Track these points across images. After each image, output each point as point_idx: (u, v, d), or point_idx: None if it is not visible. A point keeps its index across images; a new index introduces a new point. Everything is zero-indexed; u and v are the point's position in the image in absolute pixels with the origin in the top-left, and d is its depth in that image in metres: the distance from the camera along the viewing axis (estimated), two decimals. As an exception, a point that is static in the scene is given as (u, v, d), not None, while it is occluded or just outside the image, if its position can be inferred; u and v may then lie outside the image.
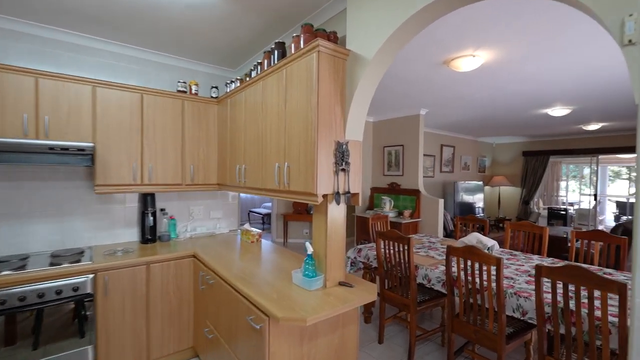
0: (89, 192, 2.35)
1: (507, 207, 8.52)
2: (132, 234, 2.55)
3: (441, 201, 4.59)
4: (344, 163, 1.56)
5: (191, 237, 2.72)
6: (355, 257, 2.95)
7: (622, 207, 9.67)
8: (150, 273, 2.11)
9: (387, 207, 4.97)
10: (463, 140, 7.68)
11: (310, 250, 1.57)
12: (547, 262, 2.48)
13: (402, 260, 2.40)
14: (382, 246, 2.59)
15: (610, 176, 10.75)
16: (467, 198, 7.11)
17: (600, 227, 7.84)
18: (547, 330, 1.66)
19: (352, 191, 1.61)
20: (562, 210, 7.70)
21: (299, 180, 1.59)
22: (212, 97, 2.67)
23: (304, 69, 1.55)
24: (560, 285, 1.81)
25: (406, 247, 2.34)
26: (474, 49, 2.44)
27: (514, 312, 1.81)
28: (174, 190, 2.49)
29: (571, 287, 1.72)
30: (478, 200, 7.45)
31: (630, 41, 0.83)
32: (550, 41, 2.31)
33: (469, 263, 2.01)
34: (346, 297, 1.45)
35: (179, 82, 2.52)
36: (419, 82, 3.39)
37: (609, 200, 9.70)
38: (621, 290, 1.35)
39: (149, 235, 2.46)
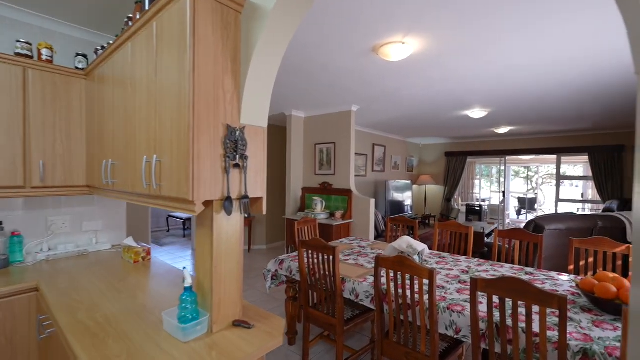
0: None
1: (432, 205, 9.02)
2: (-61, 262, 1.72)
3: (372, 201, 4.45)
4: (238, 156, 1.12)
5: (47, 260, 1.97)
6: (276, 270, 2.52)
7: (522, 202, 11.11)
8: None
9: (319, 208, 4.67)
10: (393, 140, 7.86)
11: (188, 281, 1.09)
12: (473, 263, 2.39)
13: (327, 273, 2.06)
14: (305, 257, 2.21)
15: (512, 175, 12.24)
16: (397, 196, 7.26)
17: (507, 221, 8.79)
18: (481, 349, 1.47)
19: (252, 195, 1.18)
20: (477, 207, 8.40)
21: (171, 181, 1.10)
22: (77, 68, 1.97)
23: (175, 20, 1.06)
24: (496, 297, 1.64)
25: (332, 258, 2.00)
26: (404, 34, 2.22)
27: (447, 329, 1.59)
28: (11, 196, 1.74)
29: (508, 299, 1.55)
30: (407, 198, 7.70)
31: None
32: (474, 37, 2.21)
33: (399, 275, 1.74)
34: (238, 349, 1.02)
35: (19, 42, 1.77)
36: (349, 73, 3.12)
37: (512, 196, 11.09)
38: (561, 304, 1.18)
39: (-32, 262, 1.68)
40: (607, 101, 4.06)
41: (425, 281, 1.79)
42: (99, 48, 1.88)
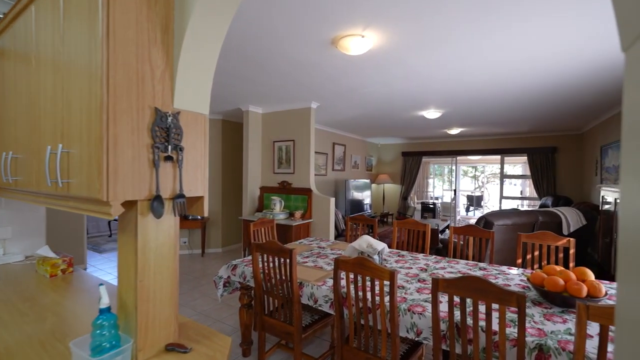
0: None
1: (390, 203, 9.26)
2: None
3: (333, 200, 4.38)
4: (170, 147, 0.93)
5: None
6: (229, 277, 2.31)
7: (471, 200, 11.90)
8: None
9: (278, 208, 4.49)
10: (353, 139, 7.91)
11: (104, 301, 0.87)
12: (431, 260, 2.40)
13: (284, 277, 1.91)
14: (260, 261, 2.04)
15: (461, 174, 13.08)
16: (357, 195, 7.32)
17: (458, 217, 9.32)
18: (442, 350, 1.43)
19: (189, 193, 1.00)
20: (432, 204, 8.80)
21: (81, 177, 0.87)
22: (-29, 40, 1.59)
23: (85, -27, 0.85)
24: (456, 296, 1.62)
25: (288, 262, 1.85)
26: (364, 26, 2.15)
27: (408, 332, 1.53)
28: None
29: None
30: (366, 197, 7.80)
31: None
32: (432, 34, 2.21)
33: (359, 278, 1.65)
34: (169, 380, 0.83)
35: None
36: (308, 66, 2.99)
37: (462, 194, 11.83)
38: (520, 302, 1.16)
39: None
40: (543, 106, 4.41)
41: (386, 282, 1.73)
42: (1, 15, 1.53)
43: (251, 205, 4.89)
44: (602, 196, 3.60)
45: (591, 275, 1.58)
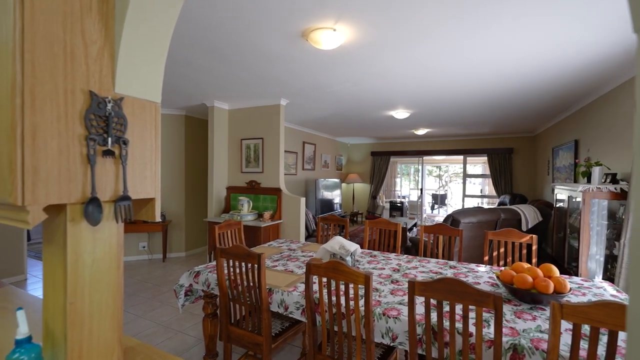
0: None
1: (360, 202, 9.34)
2: None
3: (303, 199, 4.28)
4: (111, 139, 0.77)
5: None
6: (191, 285, 2.13)
7: (435, 198, 12.38)
8: None
9: (245, 208, 4.30)
10: (323, 138, 7.86)
11: (22, 330, 0.70)
12: (403, 260, 2.39)
13: (252, 284, 1.78)
14: (225, 267, 1.89)
15: (426, 173, 13.56)
16: (327, 195, 7.28)
17: (424, 216, 9.62)
18: (418, 355, 1.38)
19: (136, 195, 0.84)
20: (399, 203, 9.00)
21: (-13, 176, 0.69)
22: None
23: None
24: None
25: (256, 267, 1.72)
26: (335, 19, 2.07)
27: (383, 337, 1.47)
28: None
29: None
30: (336, 196, 7.79)
31: None
32: (404, 32, 2.19)
33: (332, 282, 1.57)
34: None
35: None
36: (277, 60, 2.86)
37: (427, 193, 12.27)
38: (497, 304, 1.14)
39: None
40: (502, 109, 4.64)
41: (361, 285, 1.65)
42: None
43: (217, 206, 4.64)
44: (556, 194, 3.84)
45: (556, 272, 1.62)
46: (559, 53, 2.57)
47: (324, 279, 1.67)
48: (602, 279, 2.89)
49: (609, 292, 1.77)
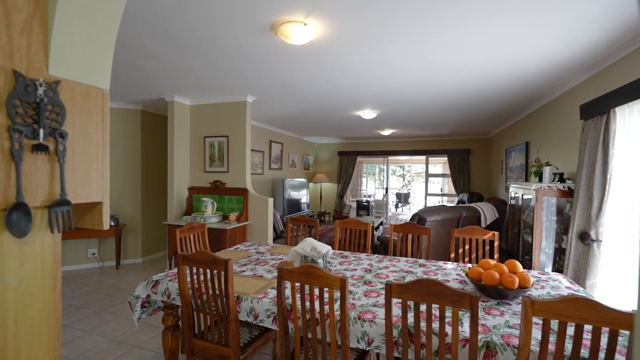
0: None
1: (327, 202, 9.36)
2: None
3: (271, 200, 4.15)
4: (43, 131, 0.63)
5: None
6: (149, 295, 1.93)
7: (399, 197, 12.80)
8: None
9: (210, 210, 4.07)
10: (291, 138, 7.75)
11: None
12: (374, 260, 2.38)
13: (218, 293, 1.65)
14: (188, 275, 1.73)
15: (390, 173, 13.96)
16: (294, 195, 7.18)
17: (389, 214, 9.88)
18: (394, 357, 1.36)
19: (78, 199, 0.70)
20: (366, 202, 9.15)
21: None
22: None
23: None
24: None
25: (223, 274, 1.60)
26: (306, 13, 1.99)
27: (359, 342, 1.42)
28: None
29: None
30: (304, 196, 7.72)
31: None
32: (375, 31, 2.17)
33: (306, 287, 1.50)
34: None
35: None
36: (244, 54, 2.72)
37: (391, 192, 12.64)
38: (473, 303, 1.14)
39: None
40: (461, 111, 4.87)
41: (336, 289, 1.60)
42: None
43: (178, 208, 4.35)
44: (511, 192, 4.10)
45: (520, 267, 1.69)
46: (513, 59, 2.73)
47: (297, 284, 1.59)
48: (552, 270, 3.13)
49: (563, 284, 1.89)
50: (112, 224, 4.36)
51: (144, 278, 2.97)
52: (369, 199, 9.73)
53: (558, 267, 3.09)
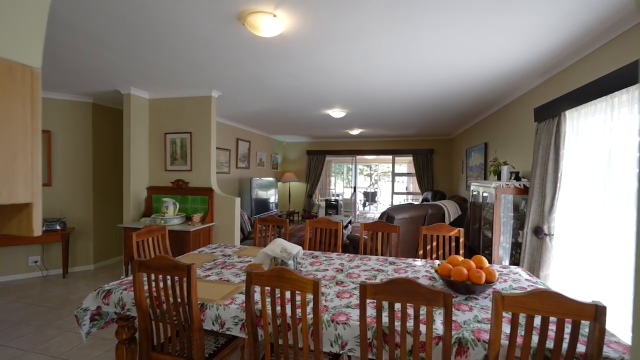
0: None
1: (296, 201, 9.26)
2: None
3: (238, 200, 3.99)
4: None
5: None
6: (99, 307, 1.74)
7: (367, 196, 13.04)
8: None
9: (171, 211, 3.82)
10: (258, 136, 7.56)
11: None
12: (345, 259, 2.35)
13: (180, 301, 1.51)
14: (145, 282, 1.58)
15: (358, 172, 14.17)
16: (262, 194, 7.01)
17: (357, 213, 10.02)
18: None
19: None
20: (334, 201, 9.19)
21: None
22: None
23: None
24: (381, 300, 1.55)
25: (185, 280, 1.47)
26: (276, 4, 1.90)
27: (332, 345, 1.37)
28: None
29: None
30: (272, 196, 7.57)
31: None
32: (346, 27, 2.14)
33: (277, 292, 1.42)
34: None
35: None
36: (209, 44, 2.56)
37: (359, 191, 12.85)
38: (447, 301, 1.13)
39: None
40: (426, 113, 5.05)
41: (309, 293, 1.54)
42: None
43: (136, 209, 4.04)
44: (472, 190, 4.31)
45: (486, 263, 1.75)
46: (474, 65, 2.85)
47: (267, 288, 1.51)
48: (510, 263, 3.32)
49: (523, 276, 1.99)
50: (59, 227, 3.94)
51: (95, 286, 2.70)
52: (337, 198, 9.79)
53: (514, 260, 3.28)
